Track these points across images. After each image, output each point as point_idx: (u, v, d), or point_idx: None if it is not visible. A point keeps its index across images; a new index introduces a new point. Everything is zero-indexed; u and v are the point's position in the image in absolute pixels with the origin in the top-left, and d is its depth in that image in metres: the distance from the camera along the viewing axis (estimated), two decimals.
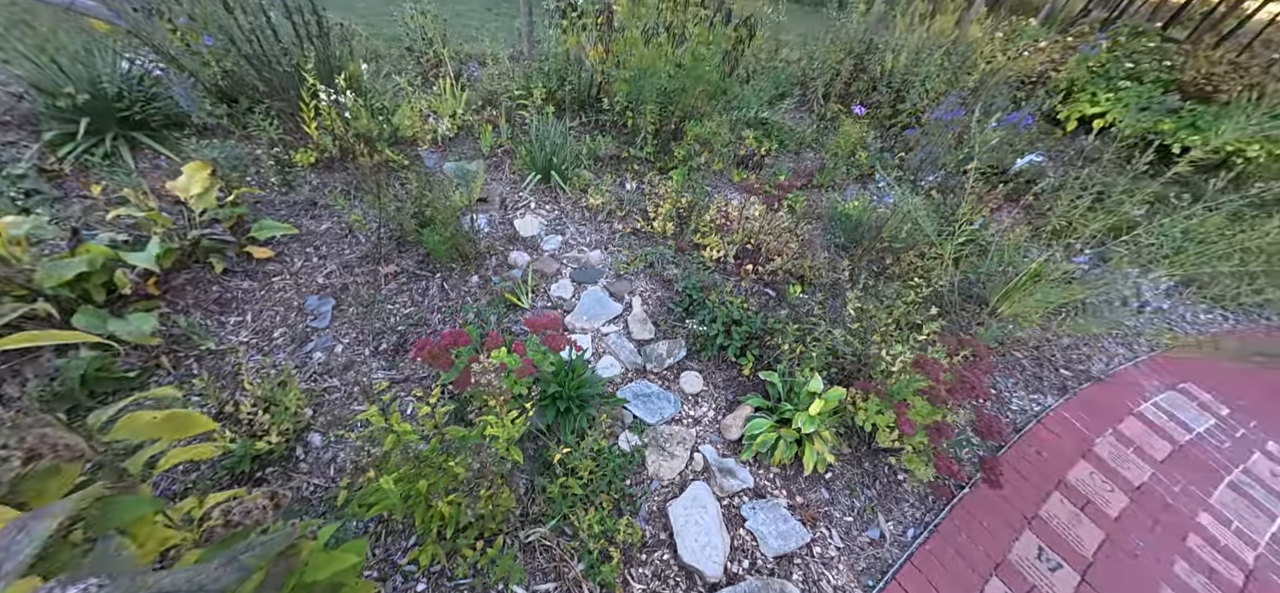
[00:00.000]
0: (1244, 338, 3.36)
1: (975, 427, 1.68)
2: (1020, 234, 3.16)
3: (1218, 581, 1.83)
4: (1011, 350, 2.71)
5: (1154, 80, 6.03)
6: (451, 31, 4.92)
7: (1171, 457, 2.29)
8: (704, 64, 3.04)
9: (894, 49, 4.50)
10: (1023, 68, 4.77)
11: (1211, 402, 2.69)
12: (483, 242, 2.65)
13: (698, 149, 3.46)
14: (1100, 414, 2.42)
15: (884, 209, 2.83)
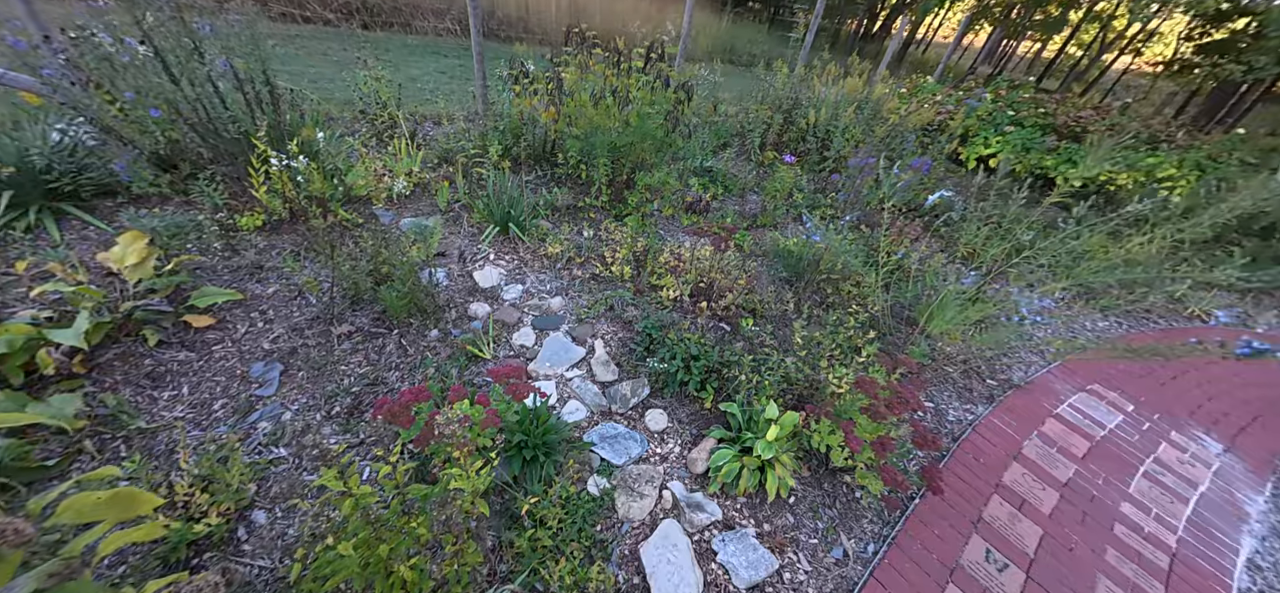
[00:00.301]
0: (1135, 339, 3.74)
1: (914, 439, 1.77)
2: (939, 260, 3.44)
3: (1146, 565, 1.96)
4: (943, 365, 2.89)
5: (1033, 125, 6.84)
6: (406, 95, 4.95)
7: (1090, 453, 2.48)
8: (649, 122, 3.21)
9: (815, 105, 4.92)
10: (923, 119, 5.30)
11: (1118, 399, 2.95)
12: (442, 295, 2.60)
13: (649, 197, 3.58)
14: (1025, 418, 2.60)
15: (821, 245, 3.01)
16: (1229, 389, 3.25)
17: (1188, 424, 2.84)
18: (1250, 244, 5.46)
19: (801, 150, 4.98)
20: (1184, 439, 2.71)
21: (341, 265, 2.39)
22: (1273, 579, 2.05)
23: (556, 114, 3.35)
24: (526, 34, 8.69)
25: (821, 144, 4.75)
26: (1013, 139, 6.58)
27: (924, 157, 4.22)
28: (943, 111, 6.94)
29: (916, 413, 1.89)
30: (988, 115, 7.11)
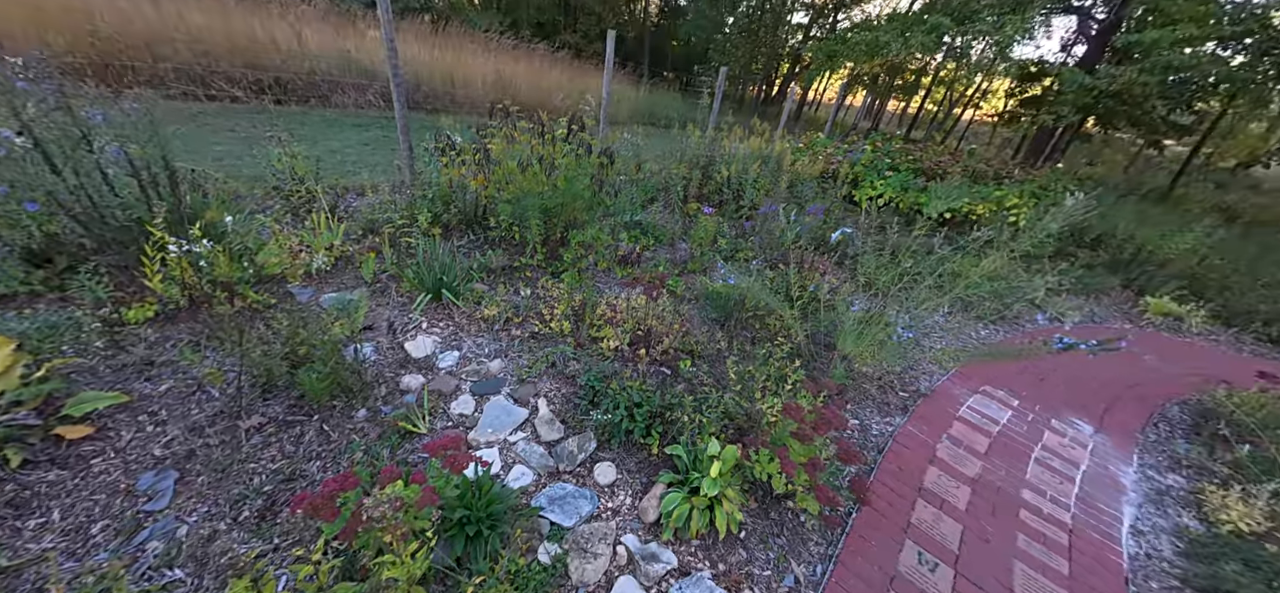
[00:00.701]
0: (1009, 343, 4.25)
1: (840, 455, 1.86)
2: (847, 289, 3.76)
3: (1050, 544, 2.15)
4: (862, 384, 3.10)
5: (906, 169, 7.83)
6: (326, 168, 4.73)
7: (991, 448, 2.74)
8: (576, 184, 3.31)
9: (727, 161, 5.34)
10: (816, 170, 5.90)
11: (1005, 397, 3.30)
12: (370, 371, 2.41)
13: (583, 253, 3.63)
14: (934, 424, 2.84)
15: (742, 286, 3.19)
16: (1088, 380, 3.76)
17: (1063, 412, 3.24)
18: (1083, 254, 6.52)
19: (720, 201, 5.33)
20: (1062, 426, 3.08)
21: (251, 351, 2.16)
22: (1154, 541, 2.33)
23: (485, 181, 3.36)
24: (454, 106, 8.74)
25: (736, 194, 5.12)
26: (893, 182, 7.48)
27: (820, 202, 4.67)
28: (833, 162, 7.81)
29: (841, 431, 2.00)
30: (870, 163, 8.08)
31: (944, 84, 19.69)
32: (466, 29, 11.52)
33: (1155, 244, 6.20)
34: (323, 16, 8.35)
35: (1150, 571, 2.14)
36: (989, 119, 21.63)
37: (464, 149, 3.53)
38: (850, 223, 6.36)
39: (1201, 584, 2.07)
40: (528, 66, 10.50)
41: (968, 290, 3.01)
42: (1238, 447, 2.84)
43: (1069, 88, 8.26)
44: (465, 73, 9.03)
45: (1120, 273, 6.18)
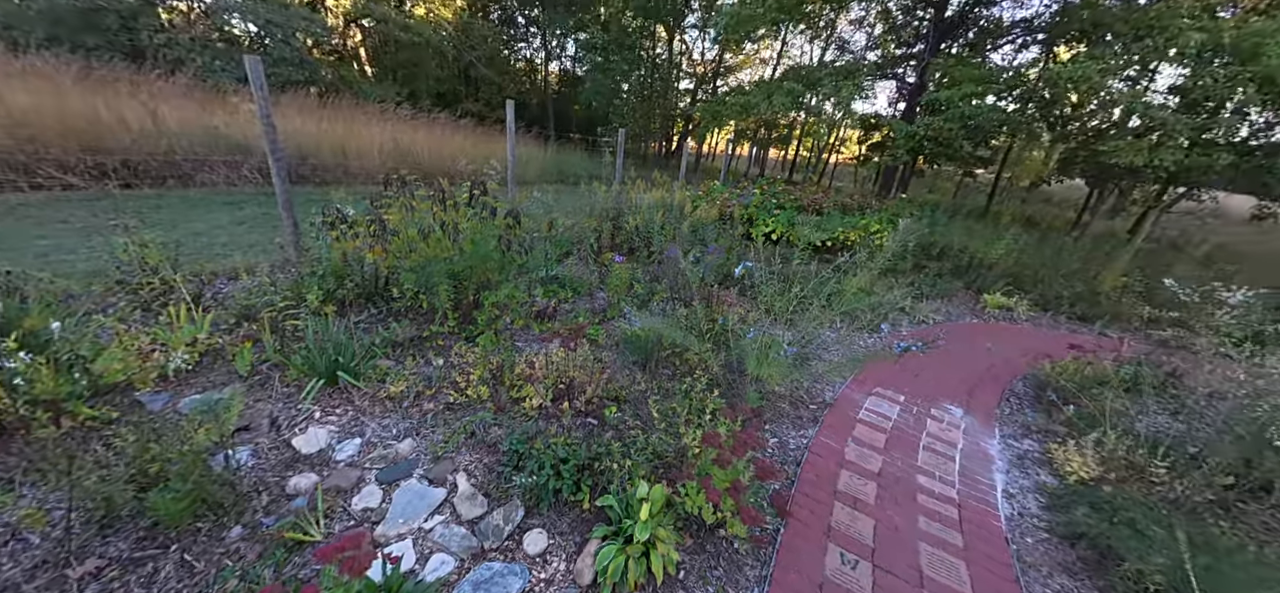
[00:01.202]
0: (886, 347, 4.79)
1: (757, 473, 1.93)
2: (753, 317, 4.02)
3: (944, 520, 2.37)
4: (776, 403, 3.28)
5: (791, 207, 8.76)
6: (189, 253, 4.14)
7: (887, 443, 3.01)
8: (483, 247, 3.23)
9: (634, 211, 5.58)
10: (716, 213, 6.38)
11: (893, 394, 3.68)
12: (246, 480, 2.06)
13: (498, 313, 3.51)
14: (841, 429, 3.07)
15: (654, 327, 3.28)
16: (952, 371, 4.33)
17: (939, 400, 3.67)
18: (933, 265, 7.67)
19: (630, 249, 5.51)
20: (939, 412, 3.48)
21: (83, 480, 1.75)
22: (1022, 501, 2.67)
23: (384, 251, 3.15)
24: (347, 177, 8.20)
25: (645, 241, 5.34)
26: (781, 218, 8.30)
27: (720, 243, 5.03)
28: (728, 205, 8.52)
29: (759, 451, 2.08)
30: (760, 204, 8.92)
31: (810, 135, 22.61)
32: (360, 100, 11.06)
33: (980, 251, 7.47)
34: (184, 92, 7.54)
35: (1024, 528, 2.45)
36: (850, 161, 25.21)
37: (358, 221, 3.30)
38: (751, 257, 6.88)
39: (1062, 531, 2.41)
40: (429, 135, 10.28)
41: (847, 306, 3.38)
42: (1065, 408, 3.42)
43: (898, 135, 9.98)
44: (359, 143, 8.58)
45: (962, 277, 7.34)
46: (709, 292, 4.18)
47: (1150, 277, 6.73)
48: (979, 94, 8.85)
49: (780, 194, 9.50)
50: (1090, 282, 6.82)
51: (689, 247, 4.96)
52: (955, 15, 10.54)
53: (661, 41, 21.10)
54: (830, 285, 3.45)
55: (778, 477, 2.05)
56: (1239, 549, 2.22)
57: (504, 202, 3.77)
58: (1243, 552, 2.23)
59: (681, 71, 23.76)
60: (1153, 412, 3.55)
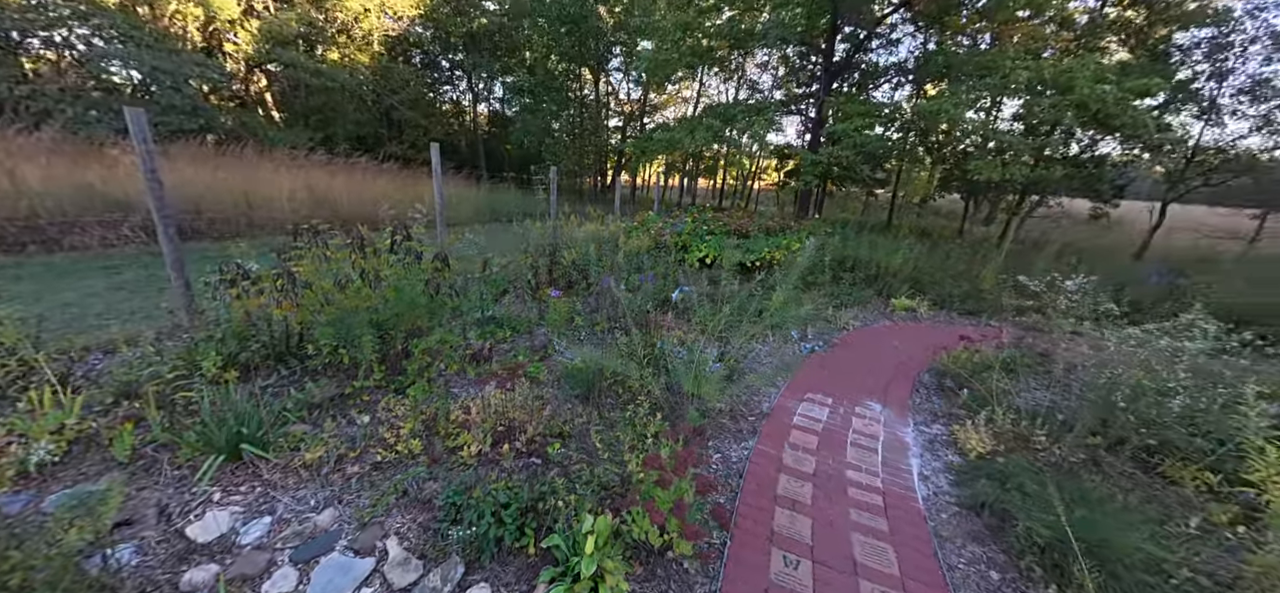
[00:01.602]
0: (819, 356, 5.13)
1: (698, 489, 1.98)
2: (691, 338, 4.15)
3: (871, 509, 2.54)
4: (717, 419, 3.38)
5: (721, 232, 9.22)
6: (54, 327, 3.56)
7: (820, 444, 3.19)
8: (408, 293, 3.09)
9: (570, 245, 5.61)
10: (643, 244, 6.58)
11: (822, 398, 3.92)
12: (129, 583, 1.76)
13: (430, 360, 3.33)
14: (777, 437, 3.21)
15: (591, 358, 3.28)
16: (871, 372, 4.71)
17: (861, 399, 3.96)
18: (848, 277, 8.38)
19: (569, 283, 5.50)
20: (862, 410, 3.76)
21: None
22: (935, 481, 2.92)
23: (293, 307, 2.91)
24: (251, 229, 7.50)
25: (583, 274, 5.37)
26: (713, 243, 8.70)
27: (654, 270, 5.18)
28: (663, 234, 8.83)
29: (699, 468, 2.13)
30: (693, 231, 9.32)
31: (733, 165, 24.10)
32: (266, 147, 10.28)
33: (884, 261, 8.28)
34: (52, 148, 6.60)
35: (938, 505, 2.68)
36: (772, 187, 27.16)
37: (263, 275, 3.03)
38: (688, 282, 7.11)
39: (968, 503, 2.67)
40: (348, 180, 9.73)
41: (775, 319, 3.61)
42: (961, 393, 3.83)
43: (806, 163, 10.99)
44: (265, 193, 7.92)
45: (873, 285, 8.07)
46: (647, 318, 4.26)
47: (1016, 273, 7.82)
48: (868, 126, 10.00)
49: (711, 221, 9.98)
50: (973, 281, 7.79)
51: (625, 276, 5.05)
52: (841, 60, 11.93)
53: (588, 83, 21.76)
54: (757, 302, 3.66)
55: (721, 490, 2.10)
56: (1108, 499, 2.58)
57: (431, 245, 3.65)
58: (1111, 501, 2.60)
59: (610, 110, 24.57)
60: (1031, 388, 4.08)
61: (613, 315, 4.70)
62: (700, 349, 3.72)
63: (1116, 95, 7.49)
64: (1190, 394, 2.81)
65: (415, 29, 19.79)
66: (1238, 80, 10.18)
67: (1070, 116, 8.05)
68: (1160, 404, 2.88)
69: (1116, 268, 8.25)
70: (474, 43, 19.48)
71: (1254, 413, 2.54)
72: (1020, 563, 2.20)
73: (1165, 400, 2.84)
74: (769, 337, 5.00)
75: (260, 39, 14.41)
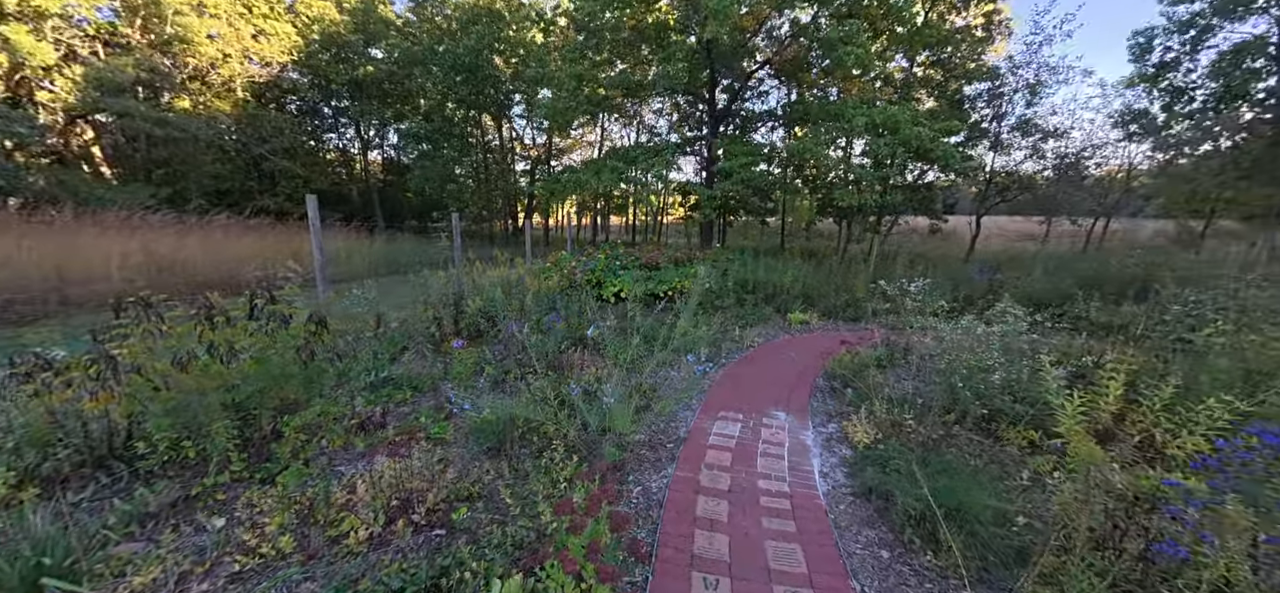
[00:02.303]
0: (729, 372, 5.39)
1: (613, 527, 1.94)
2: (608, 373, 4.12)
3: (782, 514, 2.66)
4: (637, 452, 3.36)
5: (633, 266, 9.46)
6: None
7: (733, 460, 3.31)
8: (275, 364, 2.70)
9: (476, 292, 5.36)
10: (558, 283, 6.53)
11: (734, 414, 4.09)
12: None
13: (306, 438, 2.90)
14: (694, 460, 3.27)
15: (506, 406, 3.12)
16: (774, 384, 5.05)
17: (768, 410, 4.21)
18: (750, 298, 9.03)
19: (476, 331, 5.21)
20: (769, 419, 3.99)
21: None
22: (834, 476, 3.17)
23: (114, 398, 2.37)
24: (64, 309, 6.06)
25: (491, 321, 5.12)
26: (626, 278, 8.88)
27: (562, 310, 5.13)
28: (576, 273, 8.82)
29: (614, 504, 2.08)
30: (606, 267, 9.44)
31: (641, 202, 25.10)
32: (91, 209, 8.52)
33: (778, 281, 9.09)
34: None
35: (837, 497, 2.90)
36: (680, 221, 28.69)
37: (73, 363, 2.44)
38: (604, 317, 7.11)
39: (859, 491, 2.92)
40: (205, 240, 8.37)
41: (687, 344, 3.74)
42: (846, 391, 4.26)
43: (704, 198, 11.88)
44: (86, 262, 6.50)
45: (772, 303, 8.79)
46: (559, 358, 4.16)
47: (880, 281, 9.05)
48: (753, 163, 11.12)
49: (623, 256, 10.21)
50: (851, 292, 8.84)
51: (535, 319, 4.92)
52: (723, 108, 13.29)
53: (491, 129, 21.48)
54: (666, 329, 3.77)
55: (642, 523, 2.06)
56: (963, 466, 3.00)
57: (307, 307, 3.24)
58: (965, 466, 3.01)
59: (517, 154, 24.41)
60: (900, 378, 4.67)
61: (525, 360, 4.52)
62: (614, 383, 3.71)
63: (930, 134, 9.24)
64: (1004, 369, 3.42)
65: (289, 75, 18.13)
66: (1010, 120, 13.14)
67: (901, 152, 9.72)
68: (985, 380, 3.47)
69: (953, 270, 9.92)
70: (360, 90, 18.32)
71: (1051, 377, 3.16)
72: (903, 537, 2.44)
73: (988, 376, 3.41)
74: (680, 362, 5.15)
75: (85, 87, 12.15)
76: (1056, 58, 12.42)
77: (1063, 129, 13.19)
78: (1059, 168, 13.51)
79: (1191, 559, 1.53)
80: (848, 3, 10.32)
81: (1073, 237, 14.74)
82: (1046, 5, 15.46)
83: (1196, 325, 3.72)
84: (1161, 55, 13.04)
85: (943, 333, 3.60)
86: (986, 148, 13.49)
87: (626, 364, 3.59)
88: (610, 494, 1.99)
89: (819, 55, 10.75)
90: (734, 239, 18.65)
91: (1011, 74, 12.64)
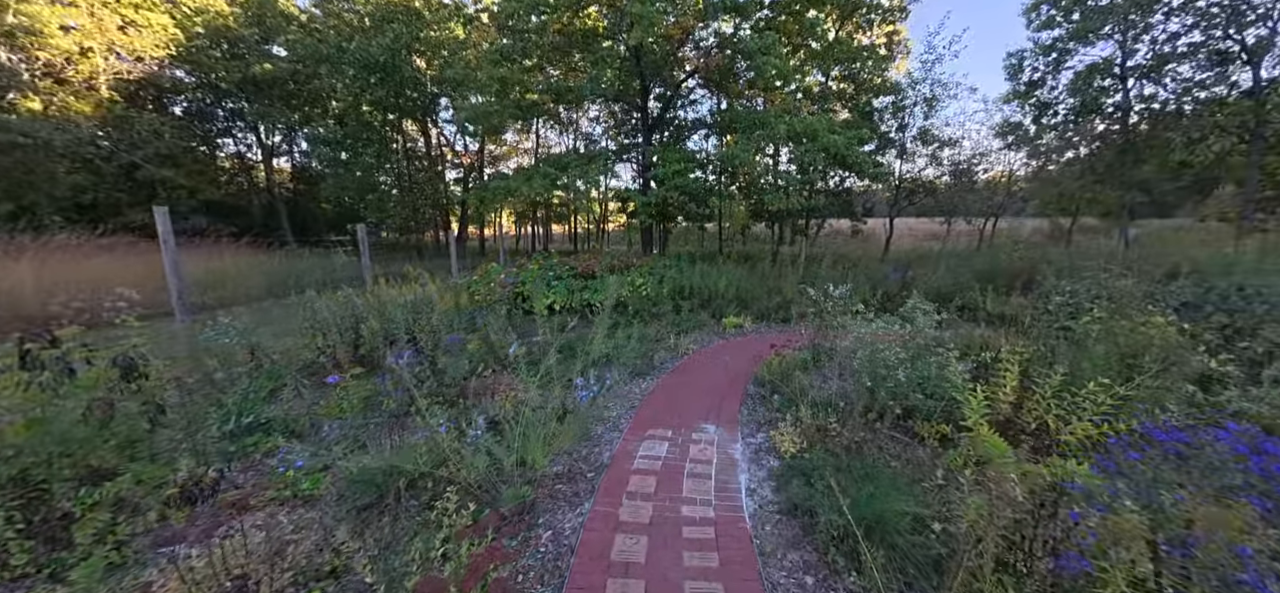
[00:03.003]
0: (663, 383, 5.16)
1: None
2: (530, 397, 3.72)
3: (705, 546, 2.43)
4: (552, 485, 3.00)
5: (568, 275, 9.05)
6: None
7: (658, 487, 3.04)
8: (62, 423, 2.06)
9: (376, 313, 4.73)
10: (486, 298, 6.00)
11: (662, 432, 3.84)
12: None
13: (117, 518, 2.25)
14: (615, 491, 2.97)
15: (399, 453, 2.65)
16: (706, 393, 4.89)
17: (698, 424, 4.01)
18: (686, 304, 8.94)
19: (373, 360, 4.59)
20: (698, 434, 3.78)
21: None
22: (761, 492, 3.00)
23: None
24: None
25: (390, 344, 4.53)
26: (559, 289, 8.46)
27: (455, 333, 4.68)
28: (505, 285, 8.27)
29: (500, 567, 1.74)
30: (538, 277, 8.96)
31: (581, 209, 24.64)
32: None
33: (713, 286, 9.10)
34: None
35: (763, 517, 2.72)
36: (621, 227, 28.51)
37: None
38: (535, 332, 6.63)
39: (785, 507, 2.77)
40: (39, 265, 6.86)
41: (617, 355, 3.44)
42: (773, 398, 4.17)
43: (640, 204, 11.76)
44: None
45: (708, 308, 8.75)
46: (464, 385, 3.71)
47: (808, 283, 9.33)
48: (687, 170, 11.15)
49: (557, 265, 9.75)
50: (783, 294, 9.03)
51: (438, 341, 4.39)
52: (656, 116, 13.31)
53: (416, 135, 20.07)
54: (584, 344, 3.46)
55: (545, 580, 1.72)
56: (883, 469, 2.94)
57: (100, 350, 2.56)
58: (886, 469, 2.96)
59: (448, 162, 23.03)
60: (826, 379, 4.67)
61: (434, 390, 4.01)
62: (533, 408, 3.33)
63: (846, 141, 9.73)
64: (908, 366, 3.46)
65: (173, 73, 15.79)
66: (912, 131, 14.29)
67: (822, 158, 10.17)
68: (893, 376, 3.49)
69: (872, 270, 10.49)
70: (258, 91, 16.35)
71: (955, 374, 3.22)
72: (827, 558, 2.30)
73: (894, 372, 3.44)
74: (613, 374, 4.85)
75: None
76: (948, 75, 13.72)
77: (955, 138, 14.58)
78: (954, 173, 14.90)
79: (1094, 573, 1.46)
80: (767, 18, 10.68)
81: (969, 235, 16.30)
82: (937, 28, 17.13)
83: (1075, 314, 4.01)
84: (1031, 74, 14.82)
85: (859, 332, 3.60)
86: (894, 156, 14.58)
87: (540, 385, 3.23)
88: (498, 555, 1.63)
89: (744, 65, 11.02)
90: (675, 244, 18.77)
91: (911, 89, 13.77)
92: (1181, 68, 12.86)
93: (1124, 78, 13.53)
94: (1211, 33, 11.95)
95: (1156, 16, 12.64)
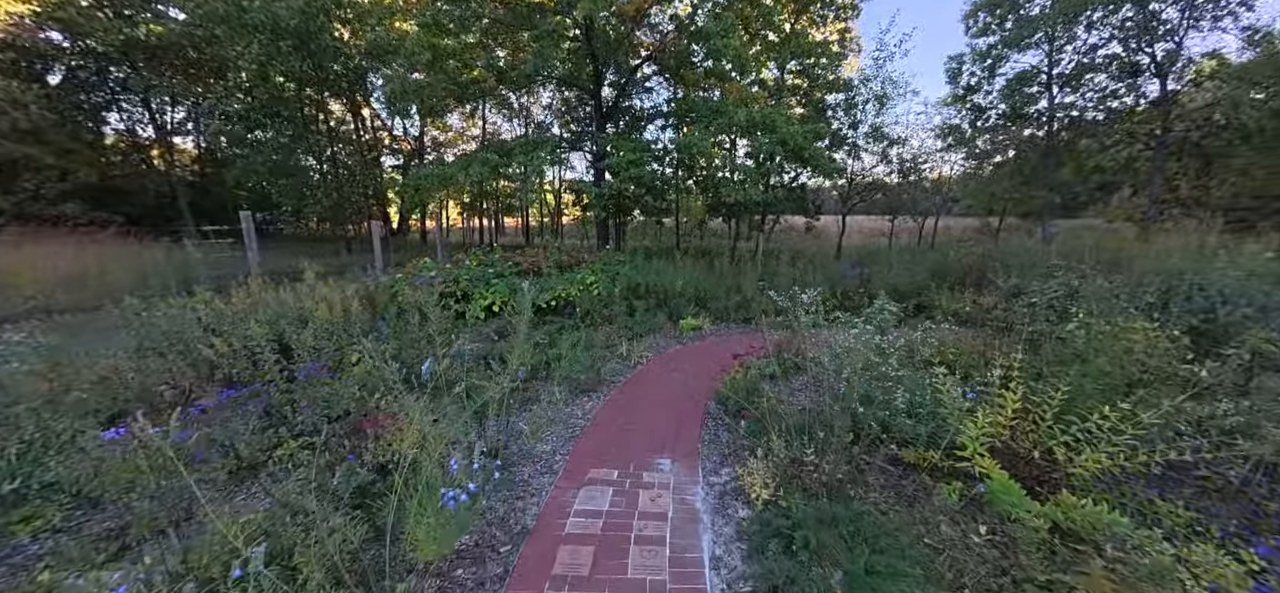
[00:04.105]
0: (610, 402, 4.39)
1: None
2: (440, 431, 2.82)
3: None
4: (449, 573, 2.16)
5: (512, 273, 8.05)
6: None
7: (598, 554, 2.29)
8: None
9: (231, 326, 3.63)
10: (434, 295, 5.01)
11: (606, 473, 3.07)
12: None
13: None
14: (539, 568, 2.18)
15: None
16: (660, 414, 4.17)
17: (648, 458, 3.28)
18: (640, 305, 8.21)
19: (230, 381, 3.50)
20: (651, 476, 3.04)
21: None
22: (729, 560, 2.32)
23: None
24: None
25: (255, 365, 3.46)
26: (499, 288, 7.46)
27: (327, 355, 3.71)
28: (436, 282, 7.16)
29: None
30: (476, 275, 7.89)
31: (533, 201, 23.30)
32: None
33: (669, 285, 8.42)
34: None
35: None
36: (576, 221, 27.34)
37: None
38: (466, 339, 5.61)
39: (762, 584, 2.10)
40: None
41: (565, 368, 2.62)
42: (738, 424, 3.52)
43: (593, 196, 10.89)
44: None
45: (664, 309, 8.07)
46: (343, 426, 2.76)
47: (768, 280, 8.87)
48: (642, 161, 10.39)
49: (499, 262, 8.69)
50: (743, 292, 8.50)
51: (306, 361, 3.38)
52: (611, 105, 12.42)
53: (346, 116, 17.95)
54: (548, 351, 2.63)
55: None
56: (878, 523, 2.34)
57: None
58: (885, 520, 2.37)
59: (385, 148, 20.91)
60: (795, 390, 4.09)
61: (306, 422, 3.01)
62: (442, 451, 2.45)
63: (803, 135, 9.33)
64: (906, 386, 2.91)
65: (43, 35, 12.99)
66: (864, 128, 14.30)
67: (779, 150, 9.73)
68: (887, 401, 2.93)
69: (828, 267, 10.23)
70: (150, 57, 13.83)
71: (949, 398, 2.68)
72: None
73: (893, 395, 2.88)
74: (548, 392, 4.02)
75: None
76: (898, 73, 13.77)
77: (904, 137, 14.77)
78: (902, 171, 15.12)
79: None
80: (724, 2, 10.08)
81: (912, 232, 16.71)
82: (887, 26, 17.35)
83: (1062, 317, 3.64)
84: (968, 79, 15.26)
85: (834, 342, 3.02)
86: (846, 153, 14.55)
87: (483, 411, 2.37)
88: None
89: (699, 50, 10.37)
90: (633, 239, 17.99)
91: (863, 86, 13.73)
92: (1099, 77, 13.63)
93: (1049, 85, 14.19)
94: (1127, 43, 12.66)
95: (1079, 28, 13.28)
